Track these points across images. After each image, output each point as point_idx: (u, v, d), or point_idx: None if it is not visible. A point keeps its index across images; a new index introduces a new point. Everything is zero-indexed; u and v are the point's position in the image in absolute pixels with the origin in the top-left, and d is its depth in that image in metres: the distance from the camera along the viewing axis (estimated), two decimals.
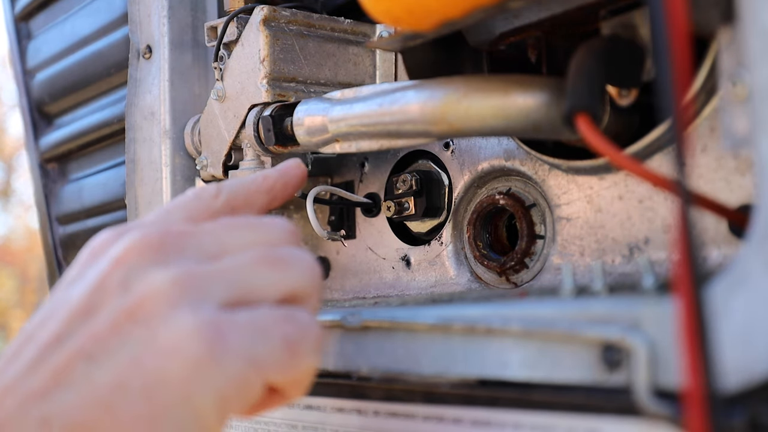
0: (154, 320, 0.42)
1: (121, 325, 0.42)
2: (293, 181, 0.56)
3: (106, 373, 0.41)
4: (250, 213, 0.53)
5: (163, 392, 0.41)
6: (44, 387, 0.41)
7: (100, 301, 0.43)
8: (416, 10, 0.50)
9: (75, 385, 0.41)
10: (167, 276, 0.43)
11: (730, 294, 0.39)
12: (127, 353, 0.41)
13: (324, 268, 0.82)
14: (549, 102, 0.52)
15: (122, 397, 0.41)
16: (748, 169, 0.51)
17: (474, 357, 0.49)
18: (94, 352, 0.42)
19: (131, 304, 0.43)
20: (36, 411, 0.40)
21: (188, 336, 0.42)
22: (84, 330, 0.42)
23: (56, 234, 1.09)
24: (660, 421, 0.41)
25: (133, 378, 0.41)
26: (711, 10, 0.45)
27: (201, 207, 0.50)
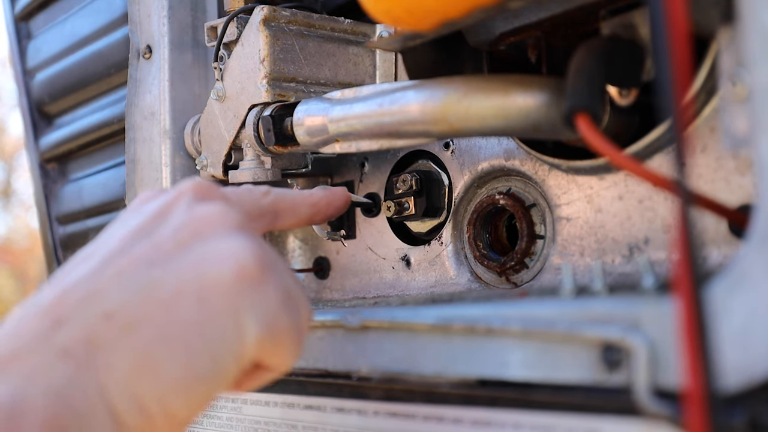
0: (215, 235, 0.46)
1: (185, 239, 0.46)
2: (337, 203, 0.62)
3: (166, 275, 0.44)
4: (292, 220, 0.58)
5: (215, 297, 0.44)
6: (106, 286, 0.43)
7: (164, 221, 0.47)
8: (416, 10, 0.50)
9: (136, 285, 0.44)
10: (229, 209, 0.48)
11: (730, 294, 0.39)
12: (188, 259, 0.45)
13: (324, 268, 0.82)
14: (549, 102, 0.52)
15: (179, 298, 0.44)
16: (748, 169, 0.51)
17: (474, 357, 0.49)
18: (156, 258, 0.45)
19: (195, 221, 0.47)
20: (97, 306, 0.43)
21: (245, 252, 0.45)
22: (147, 242, 0.46)
23: (56, 234, 1.09)
24: (660, 421, 0.41)
25: (190, 280, 0.44)
26: (711, 10, 0.45)
27: (249, 197, 0.54)
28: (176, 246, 0.45)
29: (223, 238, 0.46)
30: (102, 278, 0.44)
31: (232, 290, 0.44)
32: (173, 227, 0.46)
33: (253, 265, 0.45)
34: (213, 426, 0.72)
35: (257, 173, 0.72)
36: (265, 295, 0.45)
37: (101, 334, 0.42)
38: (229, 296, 0.44)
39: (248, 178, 0.73)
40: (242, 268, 0.45)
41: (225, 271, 0.45)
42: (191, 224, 0.46)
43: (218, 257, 0.45)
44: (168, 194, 0.49)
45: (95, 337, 0.42)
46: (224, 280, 0.44)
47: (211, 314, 0.44)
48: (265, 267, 0.46)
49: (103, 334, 0.42)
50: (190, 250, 0.45)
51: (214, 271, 0.45)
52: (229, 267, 0.45)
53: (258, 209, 0.54)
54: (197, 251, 0.45)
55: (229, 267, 0.45)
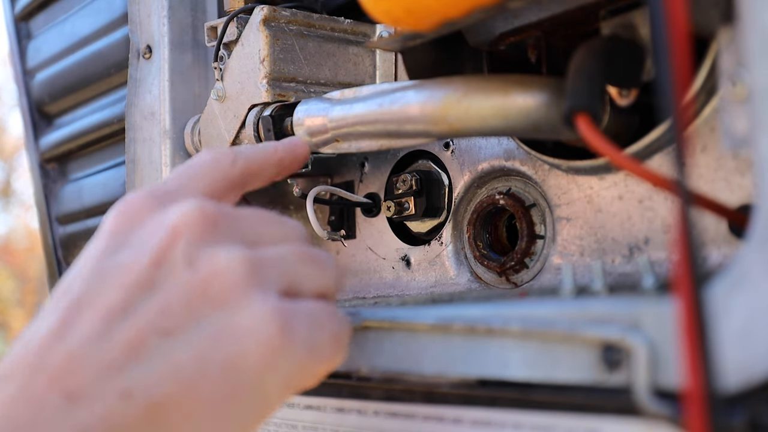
0: (228, 300, 0.43)
1: (194, 302, 0.43)
2: (299, 158, 0.59)
3: (185, 349, 0.42)
4: (260, 183, 0.55)
5: (241, 373, 0.42)
6: (121, 359, 0.41)
7: (164, 273, 0.43)
8: (416, 10, 0.50)
9: (154, 359, 0.41)
10: (235, 256, 0.44)
11: (730, 294, 0.39)
12: (205, 331, 0.42)
13: None
14: (549, 102, 0.52)
15: (203, 374, 0.42)
16: (748, 169, 0.51)
17: (474, 357, 0.49)
18: (169, 327, 0.42)
19: (201, 281, 0.43)
20: (116, 383, 0.40)
21: (264, 320, 0.43)
22: (153, 303, 0.42)
23: (56, 234, 1.09)
24: (660, 421, 0.41)
25: (213, 357, 0.42)
26: (711, 10, 0.45)
27: (219, 176, 0.51)
28: (187, 314, 0.43)
29: (240, 308, 0.43)
30: (111, 347, 0.41)
31: (255, 365, 0.43)
32: (179, 286, 0.43)
33: (275, 333, 0.43)
34: None
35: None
36: (289, 358, 0.44)
37: (122, 415, 0.40)
38: (253, 371, 0.43)
39: None
40: (265, 342, 0.43)
41: (248, 348, 0.43)
42: (198, 284, 0.43)
43: (239, 333, 0.43)
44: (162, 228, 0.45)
45: (116, 418, 0.39)
46: (248, 356, 0.43)
47: (238, 392, 0.43)
48: (287, 325, 0.44)
49: (123, 416, 0.40)
50: (205, 322, 0.43)
51: (237, 347, 0.43)
52: (252, 343, 0.43)
53: (228, 182, 0.52)
54: (214, 324, 0.43)
55: (252, 343, 0.43)
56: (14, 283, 9.04)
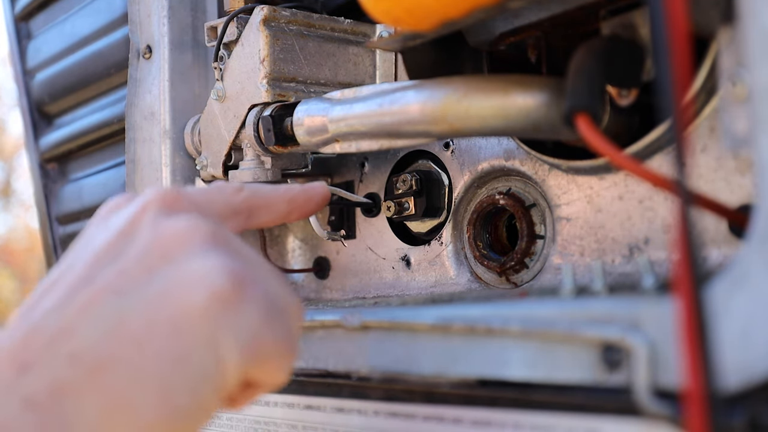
0: (184, 257, 0.42)
1: (152, 263, 0.42)
2: (315, 199, 0.57)
3: (134, 307, 0.41)
4: (268, 217, 0.54)
5: (189, 328, 0.41)
6: (72, 323, 0.40)
7: (129, 240, 0.43)
8: (416, 10, 0.50)
9: (103, 320, 0.40)
10: (198, 221, 0.44)
11: (730, 294, 0.39)
12: (156, 286, 0.41)
13: (324, 268, 0.82)
14: (549, 102, 0.52)
15: (150, 332, 0.40)
16: (748, 169, 0.51)
17: (474, 357, 0.49)
18: (123, 288, 0.41)
19: (162, 242, 0.43)
20: (65, 347, 0.39)
21: (217, 272, 0.42)
22: (113, 267, 0.42)
23: (56, 234, 1.09)
24: (660, 421, 0.41)
25: (161, 312, 0.41)
26: (711, 10, 0.45)
27: (220, 197, 0.50)
28: (143, 272, 0.42)
29: (191, 260, 0.42)
30: (67, 314, 0.41)
31: (206, 317, 0.41)
32: (139, 249, 0.43)
33: (227, 285, 0.41)
34: (213, 426, 0.72)
35: (257, 173, 0.72)
36: (244, 314, 0.42)
37: (67, 378, 0.39)
38: (204, 324, 0.41)
39: (248, 178, 0.73)
40: (214, 292, 0.41)
41: (196, 299, 0.41)
42: (158, 245, 0.43)
43: (188, 282, 0.41)
44: (133, 206, 0.45)
45: (61, 383, 0.39)
46: (196, 309, 0.41)
47: (186, 347, 0.40)
48: (241, 283, 0.42)
49: (69, 379, 0.39)
50: (158, 277, 0.42)
51: (185, 299, 0.41)
52: (201, 292, 0.41)
53: (230, 208, 0.51)
54: (166, 277, 0.42)
55: (201, 292, 0.41)
56: (14, 283, 9.04)
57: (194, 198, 0.48)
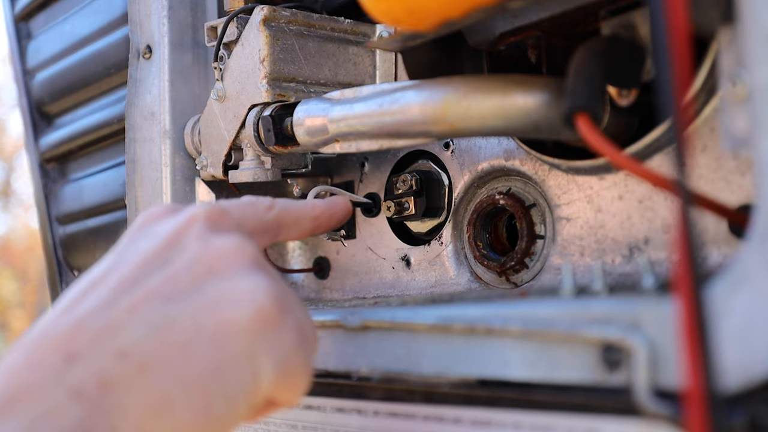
0: (231, 271, 0.45)
1: (199, 272, 0.45)
2: (338, 215, 0.62)
3: (183, 314, 0.43)
4: (295, 233, 0.58)
5: (233, 340, 0.43)
6: (120, 321, 0.42)
7: (176, 250, 0.46)
8: (416, 10, 0.50)
9: (151, 321, 0.42)
10: (244, 243, 0.47)
11: (730, 294, 0.39)
12: (204, 296, 0.44)
13: (324, 268, 0.82)
14: (549, 102, 0.52)
15: (196, 339, 0.42)
16: (748, 169, 0.51)
17: (474, 357, 0.49)
18: (171, 294, 0.44)
19: (209, 255, 0.45)
20: (112, 343, 0.41)
21: (263, 293, 0.45)
22: (161, 274, 0.44)
23: (56, 234, 1.09)
24: (660, 421, 0.41)
25: (208, 321, 0.43)
26: (711, 10, 0.45)
27: (254, 214, 0.54)
28: (191, 282, 0.44)
29: (240, 278, 0.45)
30: (115, 312, 0.43)
31: (249, 332, 0.44)
32: (188, 260, 0.45)
33: (271, 307, 0.44)
34: None
35: (257, 173, 0.72)
36: (282, 335, 0.45)
37: (115, 373, 0.41)
38: (246, 339, 0.44)
39: (248, 178, 0.73)
40: (260, 310, 0.44)
41: (243, 313, 0.44)
42: (206, 258, 0.45)
43: (236, 298, 0.44)
44: (179, 217, 0.48)
45: (109, 377, 0.40)
46: (242, 323, 0.44)
47: (228, 357, 0.43)
48: (282, 307, 0.45)
49: (116, 374, 0.41)
50: (206, 288, 0.44)
51: (232, 312, 0.44)
52: (247, 309, 0.44)
53: (262, 225, 0.54)
54: (214, 290, 0.44)
55: (247, 309, 0.44)
56: (14, 283, 9.04)
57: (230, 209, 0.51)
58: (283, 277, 0.50)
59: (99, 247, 1.01)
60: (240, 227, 0.51)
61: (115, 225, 0.96)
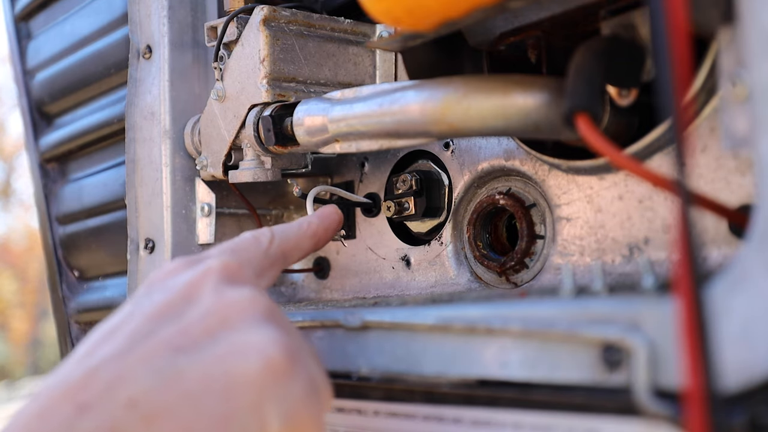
0: (244, 325, 0.45)
1: (212, 326, 0.45)
2: (332, 226, 0.63)
3: (193, 364, 0.43)
4: (299, 256, 0.59)
5: (241, 393, 0.43)
6: (132, 371, 0.43)
7: (190, 303, 0.46)
8: (416, 10, 0.50)
9: (162, 371, 0.43)
10: (257, 294, 0.47)
11: (730, 294, 0.39)
12: (216, 348, 0.44)
13: (324, 268, 0.82)
14: (549, 102, 0.52)
15: (205, 389, 0.43)
16: (748, 169, 0.51)
17: (474, 357, 0.49)
18: (183, 345, 0.44)
19: (224, 307, 0.46)
20: (122, 393, 0.42)
21: (273, 345, 0.45)
22: (174, 325, 0.45)
23: (56, 234, 1.09)
24: (660, 421, 0.41)
25: (217, 373, 0.43)
26: (711, 10, 0.45)
27: (259, 251, 0.55)
28: (204, 334, 0.45)
29: (251, 330, 0.45)
30: (127, 362, 0.43)
31: (258, 386, 0.44)
32: (201, 312, 0.46)
33: (281, 359, 0.45)
34: None
35: (257, 173, 0.72)
36: (291, 389, 0.45)
37: (124, 423, 0.41)
38: (255, 392, 0.44)
39: (248, 178, 0.73)
40: (269, 363, 0.44)
41: (252, 366, 0.44)
42: (219, 311, 0.46)
43: (246, 351, 0.44)
44: (195, 270, 0.49)
45: (118, 427, 0.41)
46: (251, 376, 0.44)
47: (236, 410, 0.43)
48: (292, 359, 0.45)
49: (125, 424, 0.41)
50: (217, 340, 0.45)
51: (241, 364, 0.44)
52: (256, 362, 0.44)
53: (269, 260, 0.55)
54: (225, 342, 0.45)
55: (256, 362, 0.44)
56: (14, 283, 9.04)
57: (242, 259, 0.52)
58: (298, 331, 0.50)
59: (99, 247, 1.01)
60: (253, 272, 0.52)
61: (115, 225, 0.96)
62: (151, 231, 0.83)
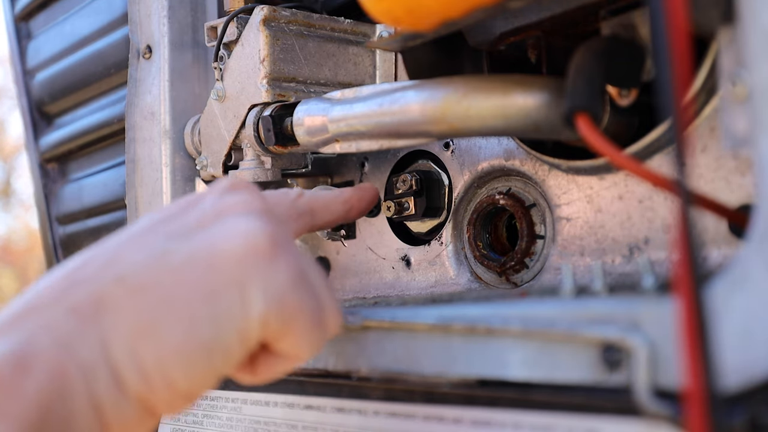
0: (233, 216, 0.48)
1: (206, 221, 0.48)
2: (367, 197, 0.64)
3: (181, 245, 0.46)
4: (328, 218, 0.60)
5: (223, 268, 0.46)
6: (122, 252, 0.46)
7: (193, 208, 0.49)
8: (416, 10, 0.50)
9: (151, 253, 0.46)
10: (255, 196, 0.50)
11: (730, 294, 0.39)
12: (204, 235, 0.47)
13: (324, 268, 0.82)
14: (549, 102, 0.52)
15: (188, 266, 0.45)
16: (748, 169, 0.51)
17: (474, 357, 0.49)
18: (177, 232, 0.47)
19: (219, 207, 0.49)
20: (113, 270, 0.45)
21: (258, 229, 0.47)
22: (174, 222, 0.48)
23: (56, 234, 1.09)
24: (660, 421, 0.41)
25: (202, 252, 0.46)
26: (711, 10, 0.45)
27: (286, 200, 0.57)
28: (197, 225, 0.48)
29: (240, 218, 0.48)
30: (123, 247, 0.46)
31: (240, 263, 0.46)
32: (200, 211, 0.49)
33: (264, 242, 0.46)
34: (213, 426, 0.72)
35: (257, 173, 0.72)
36: (274, 272, 0.46)
37: (111, 295, 0.44)
38: (237, 268, 0.46)
39: (248, 178, 0.73)
40: (253, 243, 0.46)
41: (235, 244, 0.46)
42: (216, 208, 0.49)
43: (231, 232, 0.47)
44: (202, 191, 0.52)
45: (104, 298, 0.44)
46: (234, 253, 0.46)
47: (218, 283, 0.45)
48: (277, 245, 0.47)
49: (112, 296, 0.44)
50: (208, 230, 0.47)
51: (226, 243, 0.46)
52: (239, 242, 0.46)
53: (296, 210, 0.57)
54: (214, 229, 0.47)
55: (239, 242, 0.46)
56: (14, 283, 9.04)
57: (264, 193, 0.53)
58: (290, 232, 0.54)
59: None
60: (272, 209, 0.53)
61: (115, 225, 0.96)
62: None
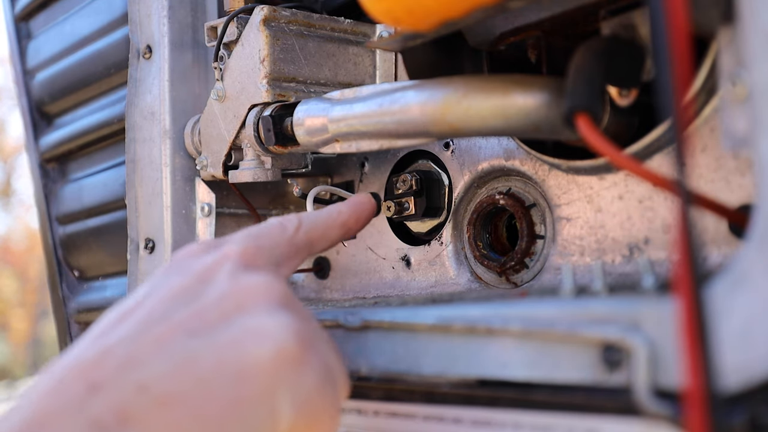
0: (258, 311, 0.45)
1: (227, 310, 0.45)
2: (364, 215, 0.61)
3: (205, 349, 0.43)
4: (326, 245, 0.58)
5: (253, 379, 0.43)
6: (145, 354, 0.43)
7: (207, 286, 0.46)
8: (416, 10, 0.50)
9: (175, 355, 0.43)
10: (274, 280, 0.47)
11: (730, 294, 0.39)
12: (229, 332, 0.44)
13: (324, 268, 0.82)
14: (549, 102, 0.52)
15: (217, 375, 0.43)
16: (748, 169, 0.51)
17: (474, 357, 0.49)
18: (196, 329, 0.44)
19: (239, 291, 0.46)
20: (135, 376, 0.42)
21: (286, 331, 0.45)
22: (189, 308, 0.45)
23: (56, 234, 1.09)
24: (660, 421, 0.41)
25: (229, 358, 0.43)
26: (711, 10, 0.45)
27: (283, 238, 0.54)
28: (218, 317, 0.45)
29: (265, 315, 0.45)
30: (141, 344, 0.43)
31: (270, 372, 0.44)
32: (216, 296, 0.46)
33: (293, 346, 0.44)
34: None
35: (257, 173, 0.72)
36: (304, 376, 0.45)
37: (135, 406, 0.41)
38: (267, 378, 0.44)
39: (248, 178, 0.73)
40: (282, 349, 0.44)
41: (264, 352, 0.44)
42: (234, 295, 0.46)
43: (259, 336, 0.44)
44: (214, 254, 0.48)
45: (128, 410, 0.41)
46: (263, 362, 0.44)
47: (248, 396, 0.43)
48: (306, 346, 0.45)
49: (136, 407, 0.41)
50: (231, 324, 0.44)
51: (254, 350, 0.44)
52: (269, 346, 0.44)
53: (295, 248, 0.55)
54: (238, 326, 0.44)
55: (269, 346, 0.44)
56: (14, 283, 9.04)
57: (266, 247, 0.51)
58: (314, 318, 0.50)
59: (99, 247, 1.01)
60: (274, 259, 0.51)
61: (115, 225, 0.96)
62: (151, 231, 0.83)
